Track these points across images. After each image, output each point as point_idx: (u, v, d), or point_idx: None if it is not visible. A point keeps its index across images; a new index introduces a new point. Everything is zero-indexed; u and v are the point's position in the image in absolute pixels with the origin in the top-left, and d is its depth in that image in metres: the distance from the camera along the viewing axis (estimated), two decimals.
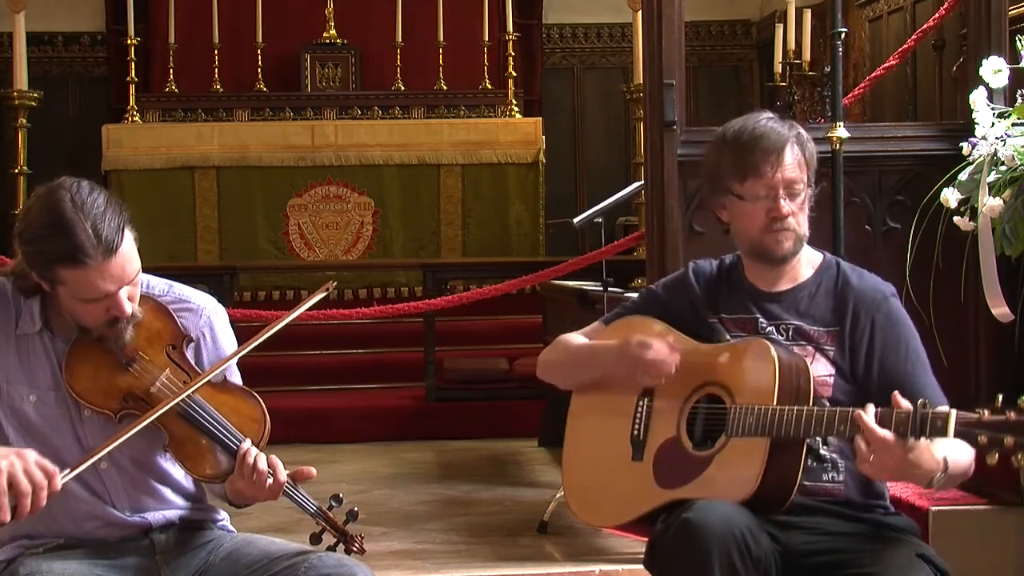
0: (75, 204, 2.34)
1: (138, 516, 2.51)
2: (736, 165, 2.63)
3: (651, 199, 4.19)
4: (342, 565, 2.42)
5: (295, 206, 8.59)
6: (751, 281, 2.72)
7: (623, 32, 9.93)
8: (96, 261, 2.33)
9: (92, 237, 2.32)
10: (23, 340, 2.48)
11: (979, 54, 4.03)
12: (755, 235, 2.64)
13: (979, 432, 2.18)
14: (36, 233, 2.36)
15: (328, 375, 7.46)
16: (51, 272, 2.36)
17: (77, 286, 2.36)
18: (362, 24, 9.45)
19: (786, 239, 2.62)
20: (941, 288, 4.02)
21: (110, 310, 2.40)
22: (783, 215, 2.60)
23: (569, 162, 10.10)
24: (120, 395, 2.45)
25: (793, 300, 2.67)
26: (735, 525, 2.36)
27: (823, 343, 2.61)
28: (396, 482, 5.65)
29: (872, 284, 2.68)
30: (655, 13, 4.10)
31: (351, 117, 8.97)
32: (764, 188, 2.60)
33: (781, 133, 2.63)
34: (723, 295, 2.73)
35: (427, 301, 6.25)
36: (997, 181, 3.73)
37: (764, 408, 2.46)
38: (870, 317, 2.62)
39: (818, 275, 2.70)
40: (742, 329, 2.66)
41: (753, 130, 2.64)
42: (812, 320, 2.64)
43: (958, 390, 4.03)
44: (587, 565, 4.10)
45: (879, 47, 8.23)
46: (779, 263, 2.66)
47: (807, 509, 2.52)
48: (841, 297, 2.65)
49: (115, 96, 9.36)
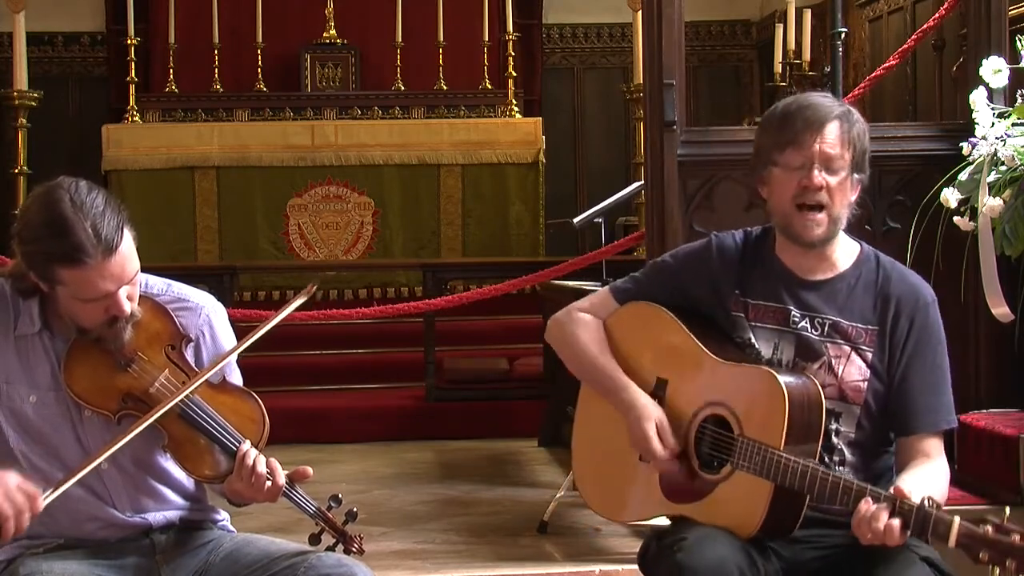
0: (74, 204, 2.33)
1: (138, 517, 2.51)
2: (778, 134, 2.55)
3: (651, 199, 4.19)
4: (341, 565, 2.42)
5: (295, 206, 8.59)
6: (784, 263, 2.61)
7: (623, 32, 9.93)
8: (96, 261, 2.32)
9: (92, 237, 2.31)
10: (22, 341, 2.48)
11: (979, 54, 4.03)
12: (787, 209, 2.54)
13: (981, 548, 2.13)
14: (35, 233, 2.35)
15: (328, 375, 7.45)
16: (50, 272, 2.36)
17: (76, 286, 2.35)
18: (362, 24, 9.45)
19: (817, 225, 2.52)
20: (941, 288, 3.98)
21: (109, 310, 2.39)
22: (815, 186, 2.50)
23: (569, 162, 10.10)
24: (119, 396, 2.45)
25: (831, 291, 2.58)
26: (726, 569, 2.35)
27: (861, 342, 2.54)
28: (396, 482, 5.65)
29: (916, 285, 2.61)
30: (655, 13, 4.10)
31: (351, 117, 8.97)
32: (801, 158, 2.52)
33: (827, 107, 2.56)
34: (751, 275, 2.62)
35: (427, 301, 6.25)
36: (997, 181, 3.73)
37: (771, 453, 2.40)
38: (910, 319, 2.55)
39: (857, 267, 2.60)
40: (769, 320, 2.57)
41: (801, 101, 2.57)
42: (851, 315, 2.55)
43: (958, 390, 4.03)
44: (587, 565, 4.10)
45: (879, 47, 8.23)
46: (808, 248, 2.57)
47: (813, 522, 2.48)
48: (883, 294, 2.57)
49: (115, 96, 9.36)
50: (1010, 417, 3.92)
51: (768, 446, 2.40)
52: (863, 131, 2.58)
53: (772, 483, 2.39)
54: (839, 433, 2.51)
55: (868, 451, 2.52)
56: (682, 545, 2.38)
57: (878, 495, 2.29)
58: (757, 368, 2.51)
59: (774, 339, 2.56)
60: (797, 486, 2.37)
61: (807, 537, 2.50)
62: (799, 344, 2.55)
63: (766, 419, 2.43)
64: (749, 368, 2.52)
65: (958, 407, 4.03)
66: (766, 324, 2.58)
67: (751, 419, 2.46)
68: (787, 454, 2.38)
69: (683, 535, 2.42)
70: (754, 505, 2.42)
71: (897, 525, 2.26)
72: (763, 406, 2.45)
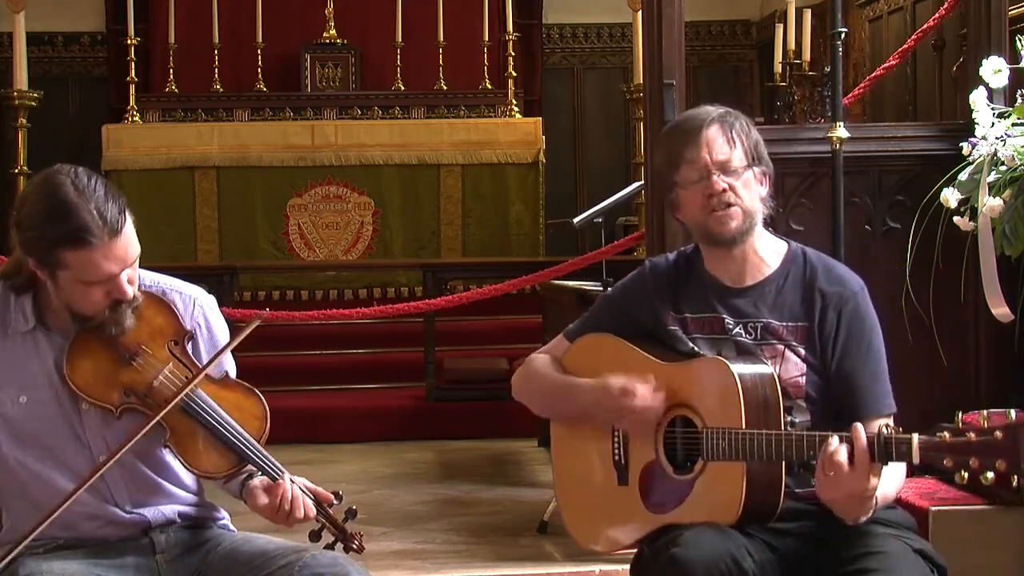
0: (76, 188, 2.34)
1: (137, 513, 2.50)
2: (668, 157, 2.61)
3: (651, 199, 4.19)
4: (336, 564, 2.42)
5: (295, 206, 8.59)
6: (713, 274, 2.65)
7: (623, 32, 9.94)
8: (101, 241, 2.33)
9: (96, 218, 2.32)
10: (15, 339, 2.47)
11: (979, 54, 4.03)
12: (700, 219, 2.59)
13: (944, 456, 2.16)
14: (39, 217, 2.35)
15: (328, 375, 7.46)
16: (54, 256, 2.35)
17: (81, 268, 2.35)
18: (362, 24, 9.45)
19: (730, 219, 2.56)
20: (941, 288, 4.02)
21: (111, 293, 2.40)
22: (717, 191, 2.54)
23: (569, 162, 10.10)
24: (121, 389, 2.45)
25: (760, 294, 2.61)
26: (721, 558, 2.35)
27: (793, 340, 2.57)
28: (396, 482, 5.65)
29: (842, 276, 2.63)
30: (655, 13, 4.10)
31: (351, 117, 8.97)
32: (695, 171, 2.57)
33: (701, 115, 2.60)
34: (684, 292, 2.66)
35: (427, 301, 6.25)
36: (997, 181, 3.73)
37: (735, 433, 2.42)
38: (838, 311, 2.57)
39: (785, 266, 2.64)
40: (707, 330, 2.61)
41: (677, 119, 2.63)
42: (781, 315, 2.58)
43: (958, 390, 4.06)
44: (587, 565, 4.10)
45: (879, 47, 8.23)
46: (730, 244, 2.60)
47: (802, 514, 2.50)
48: (809, 289, 2.59)
49: (115, 96, 9.37)
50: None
51: (731, 429, 2.44)
52: (747, 125, 2.63)
53: (743, 463, 2.42)
54: (795, 424, 2.54)
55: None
56: (677, 540, 2.40)
57: (839, 436, 2.32)
58: (706, 359, 2.55)
59: (715, 347, 2.60)
60: (766, 456, 2.40)
61: (798, 529, 2.51)
62: (738, 349, 2.58)
63: (724, 405, 2.47)
64: (698, 362, 2.56)
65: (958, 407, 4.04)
66: (704, 335, 2.62)
67: (710, 409, 2.49)
68: (750, 430, 2.42)
69: (678, 532, 2.44)
70: (731, 489, 2.44)
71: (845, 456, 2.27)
72: (718, 394, 2.48)
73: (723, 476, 2.45)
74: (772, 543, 2.49)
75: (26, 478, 2.43)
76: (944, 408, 2.53)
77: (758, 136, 2.64)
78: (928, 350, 4.00)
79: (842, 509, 2.36)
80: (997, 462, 2.10)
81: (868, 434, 2.28)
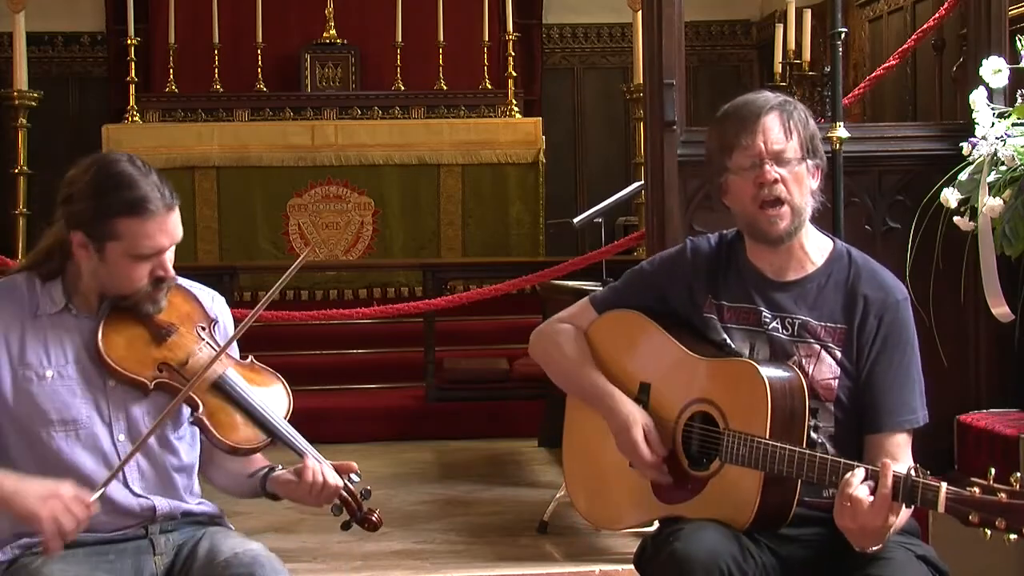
0: (134, 163, 2.47)
1: (145, 497, 2.52)
2: (722, 141, 2.56)
3: (651, 199, 4.19)
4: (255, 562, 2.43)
5: (295, 206, 8.59)
6: (756, 265, 2.60)
7: (623, 32, 9.93)
8: (160, 213, 2.44)
9: (155, 190, 2.45)
10: (45, 320, 2.52)
11: (979, 54, 4.03)
12: (749, 210, 2.54)
13: (970, 511, 2.12)
14: (98, 187, 2.45)
15: (328, 375, 7.45)
16: (109, 226, 2.44)
17: (134, 238, 2.44)
18: (362, 24, 9.45)
19: (780, 219, 2.51)
20: (941, 288, 4.02)
21: (155, 271, 2.49)
22: (769, 180, 2.49)
23: (569, 162, 10.09)
24: (155, 364, 2.52)
25: (801, 291, 2.57)
26: (721, 557, 2.35)
27: (830, 342, 2.53)
28: (396, 482, 5.65)
29: (887, 283, 2.58)
30: (655, 13, 4.10)
31: (351, 117, 8.97)
32: (748, 158, 2.51)
33: (762, 101, 2.55)
34: (724, 279, 2.62)
35: (427, 301, 6.25)
36: (997, 181, 3.73)
37: (757, 442, 2.40)
38: (879, 318, 2.53)
39: (828, 265, 2.59)
40: (743, 321, 2.57)
41: (735, 103, 2.58)
42: (820, 315, 2.54)
43: (958, 390, 4.06)
44: (587, 565, 4.10)
45: (879, 47, 8.23)
46: (777, 243, 2.56)
47: (809, 520, 2.48)
48: (852, 292, 2.55)
49: (115, 96, 9.36)
50: (1010, 417, 3.92)
51: (754, 436, 2.41)
52: (805, 116, 2.58)
53: (761, 472, 2.40)
54: (818, 429, 2.52)
55: (850, 444, 2.52)
56: (679, 535, 2.39)
57: (865, 470, 2.29)
58: (737, 361, 2.52)
59: (749, 339, 2.57)
60: (786, 472, 2.37)
61: (803, 536, 2.50)
62: (772, 344, 2.55)
63: (750, 410, 2.44)
64: (729, 362, 2.53)
65: (958, 407, 4.04)
66: (740, 325, 2.58)
67: (735, 412, 2.47)
68: (773, 442, 2.39)
69: (679, 526, 2.44)
70: (746, 496, 2.43)
71: (867, 492, 2.25)
72: (746, 398, 2.45)
73: (739, 482, 2.43)
74: (776, 548, 2.48)
75: (46, 453, 2.46)
76: (944, 408, 2.53)
77: (815, 128, 2.59)
78: (928, 350, 3.99)
79: (855, 538, 2.33)
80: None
81: (896, 474, 2.24)
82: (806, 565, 2.50)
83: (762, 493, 2.41)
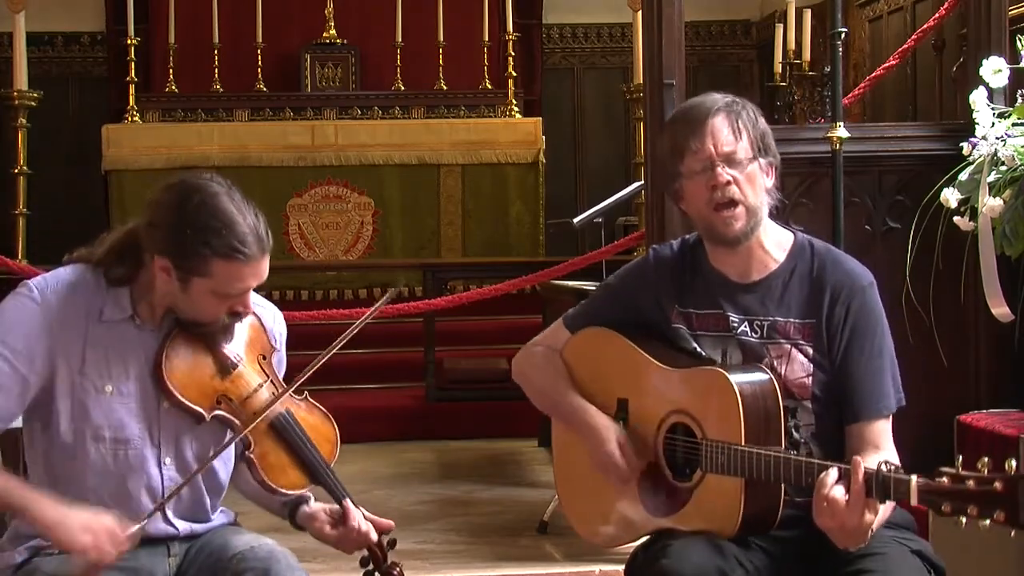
0: (233, 199, 2.38)
1: (172, 524, 2.49)
2: (672, 145, 2.53)
3: (651, 199, 4.19)
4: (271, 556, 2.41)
5: (295, 206, 8.59)
6: (718, 269, 2.57)
7: (623, 32, 9.93)
8: (255, 258, 2.36)
9: (252, 233, 2.36)
10: (107, 327, 2.43)
11: (979, 54, 4.03)
12: (704, 214, 2.51)
13: (942, 501, 2.12)
14: (195, 224, 2.33)
15: (328, 375, 7.42)
16: (202, 264, 2.33)
17: (224, 280, 2.36)
18: (362, 24, 9.46)
19: (735, 219, 2.48)
20: (941, 288, 4.02)
21: (235, 306, 2.42)
22: (721, 183, 2.45)
23: (569, 162, 10.10)
24: (216, 395, 2.45)
25: (767, 291, 2.54)
26: (708, 572, 2.34)
27: (800, 339, 2.51)
28: (396, 482, 5.65)
29: (851, 270, 2.55)
30: (655, 13, 4.10)
31: (351, 117, 8.97)
32: (699, 162, 2.48)
33: (708, 103, 2.51)
34: (689, 286, 2.60)
35: (427, 301, 6.25)
36: (997, 181, 3.73)
37: (734, 449, 2.38)
38: (846, 306, 2.50)
39: (791, 259, 2.56)
40: (712, 328, 2.56)
41: (682, 107, 2.55)
42: (788, 312, 2.52)
43: (958, 390, 4.06)
44: (587, 565, 4.10)
45: (879, 47, 8.23)
46: (735, 244, 2.53)
47: (800, 521, 2.44)
48: (817, 284, 2.52)
49: (115, 96, 9.36)
50: (1010, 417, 3.91)
51: (731, 444, 2.40)
52: (754, 114, 2.55)
53: (742, 479, 2.39)
54: (799, 428, 2.51)
55: (833, 441, 2.52)
56: (667, 551, 2.39)
57: (839, 469, 2.27)
58: (707, 370, 2.50)
59: (720, 345, 2.55)
60: (765, 476, 2.37)
61: (796, 536, 2.48)
62: (743, 349, 2.54)
63: (723, 418, 2.43)
64: (699, 371, 2.51)
65: (958, 407, 4.04)
66: (709, 332, 2.57)
67: (710, 421, 2.46)
68: (750, 447, 2.38)
69: (668, 541, 2.43)
70: (730, 504, 2.42)
71: (841, 491, 2.24)
72: (718, 406, 2.44)
73: (722, 489, 2.43)
74: (769, 549, 2.48)
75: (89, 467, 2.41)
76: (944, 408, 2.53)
77: (765, 126, 2.56)
78: (928, 350, 4.00)
79: (836, 537, 2.32)
80: (996, 513, 2.06)
81: (867, 470, 2.23)
82: (800, 564, 2.49)
83: (745, 499, 2.40)
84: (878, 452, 2.45)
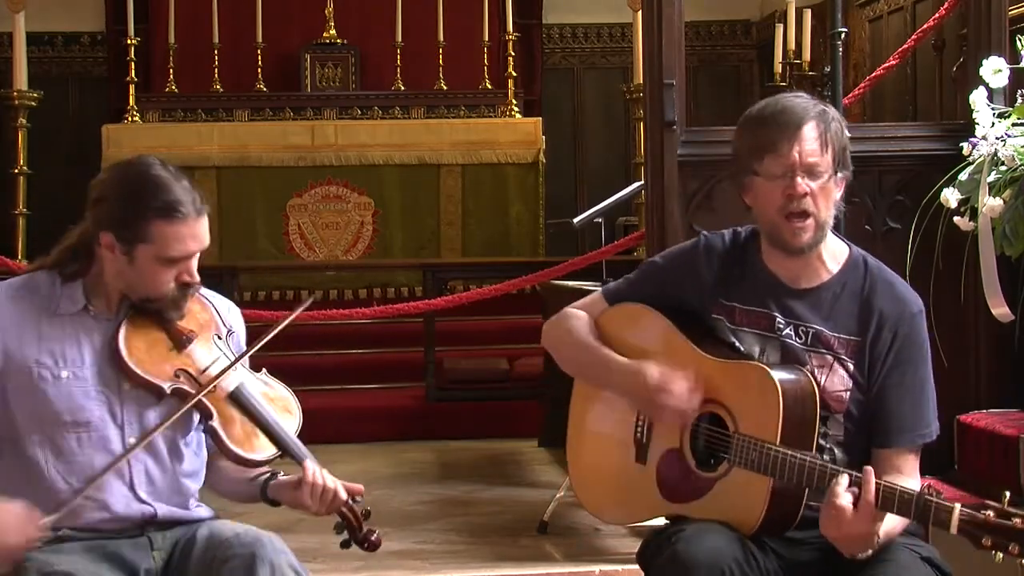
0: (167, 168, 2.52)
1: (148, 504, 2.53)
2: (754, 142, 2.50)
3: (651, 199, 4.19)
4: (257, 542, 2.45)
5: (295, 206, 8.59)
6: (771, 269, 2.56)
7: (623, 32, 9.94)
8: (192, 217, 2.48)
9: (188, 194, 2.49)
10: (64, 320, 2.53)
11: (979, 54, 4.03)
12: (774, 218, 2.49)
13: (984, 535, 2.12)
14: (131, 190, 2.49)
15: (328, 375, 7.45)
16: (142, 228, 2.46)
17: (165, 242, 2.46)
18: (362, 24, 9.45)
19: (804, 231, 2.46)
20: (941, 288, 4.02)
21: (181, 275, 2.51)
22: (799, 194, 2.43)
23: (569, 162, 10.10)
24: (173, 369, 2.54)
25: (816, 300, 2.53)
26: (723, 560, 2.33)
27: (843, 354, 2.50)
28: (396, 482, 5.65)
29: (902, 296, 2.54)
30: (655, 13, 4.10)
31: (351, 117, 8.97)
32: (781, 166, 2.45)
33: (802, 108, 2.48)
34: (737, 281, 2.58)
35: (427, 301, 6.25)
36: (997, 181, 3.73)
37: (767, 448, 2.37)
38: (893, 332, 2.49)
39: (844, 273, 2.55)
40: (756, 325, 2.54)
41: (774, 105, 2.51)
42: (834, 326, 2.51)
43: (958, 390, 4.06)
44: (587, 565, 4.10)
45: (879, 47, 8.23)
46: (798, 254, 2.52)
47: (813, 523, 2.43)
48: (867, 304, 2.51)
49: (115, 96, 9.36)
50: (1010, 417, 3.92)
51: (764, 442, 2.39)
52: (840, 128, 2.54)
53: (770, 479, 2.38)
54: (827, 436, 2.50)
55: (859, 451, 2.51)
56: (680, 536, 2.38)
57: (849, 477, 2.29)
58: (749, 364, 2.49)
59: (759, 344, 2.54)
60: (795, 480, 2.36)
61: (807, 538, 2.48)
62: (784, 351, 2.52)
63: (761, 415, 2.42)
64: (741, 364, 2.50)
65: (958, 407, 4.04)
66: (750, 329, 2.55)
67: (745, 415, 2.44)
68: (784, 449, 2.37)
69: (682, 527, 2.43)
70: (754, 501, 2.41)
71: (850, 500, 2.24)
72: (757, 402, 2.43)
73: (747, 486, 2.42)
74: (781, 551, 2.47)
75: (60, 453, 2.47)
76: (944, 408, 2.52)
77: (847, 140, 2.55)
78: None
79: (841, 545, 2.33)
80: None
81: (876, 481, 2.24)
82: (810, 567, 2.49)
83: (771, 499, 2.40)
84: (902, 477, 2.44)
